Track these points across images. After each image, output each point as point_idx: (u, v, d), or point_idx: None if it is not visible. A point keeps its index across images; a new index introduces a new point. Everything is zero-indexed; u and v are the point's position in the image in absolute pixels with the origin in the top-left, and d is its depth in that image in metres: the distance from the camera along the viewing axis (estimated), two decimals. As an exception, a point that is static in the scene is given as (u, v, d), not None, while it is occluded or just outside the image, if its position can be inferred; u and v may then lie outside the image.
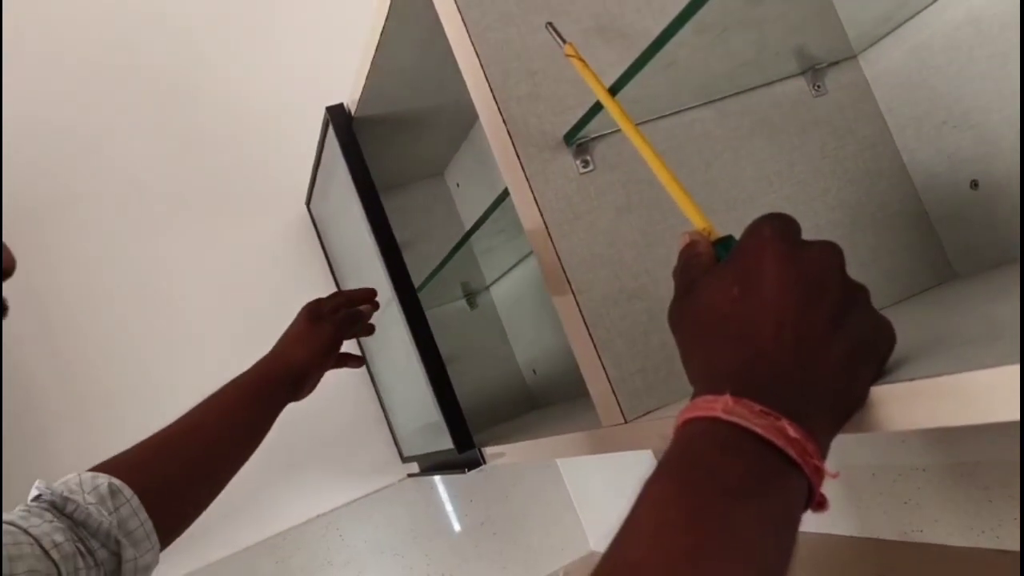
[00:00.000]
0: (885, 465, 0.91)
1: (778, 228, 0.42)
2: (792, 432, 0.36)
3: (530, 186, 0.64)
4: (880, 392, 0.39)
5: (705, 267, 0.45)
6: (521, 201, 0.67)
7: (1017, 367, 0.30)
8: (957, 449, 0.83)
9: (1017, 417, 0.30)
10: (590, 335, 0.63)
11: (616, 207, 0.66)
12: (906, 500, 0.89)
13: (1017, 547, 0.77)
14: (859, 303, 0.41)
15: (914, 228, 0.73)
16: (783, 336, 0.39)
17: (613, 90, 0.57)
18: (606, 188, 0.66)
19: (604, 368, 0.62)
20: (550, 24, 0.60)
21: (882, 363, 0.41)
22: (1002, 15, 0.63)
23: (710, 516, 0.35)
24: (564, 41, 0.59)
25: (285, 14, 1.46)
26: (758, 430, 0.36)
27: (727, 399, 0.37)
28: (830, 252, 0.41)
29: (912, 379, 0.36)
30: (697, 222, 0.47)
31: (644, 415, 0.62)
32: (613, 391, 0.62)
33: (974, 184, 0.68)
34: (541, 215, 0.64)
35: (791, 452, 0.36)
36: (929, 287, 0.72)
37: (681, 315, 0.45)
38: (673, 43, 0.54)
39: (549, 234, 0.64)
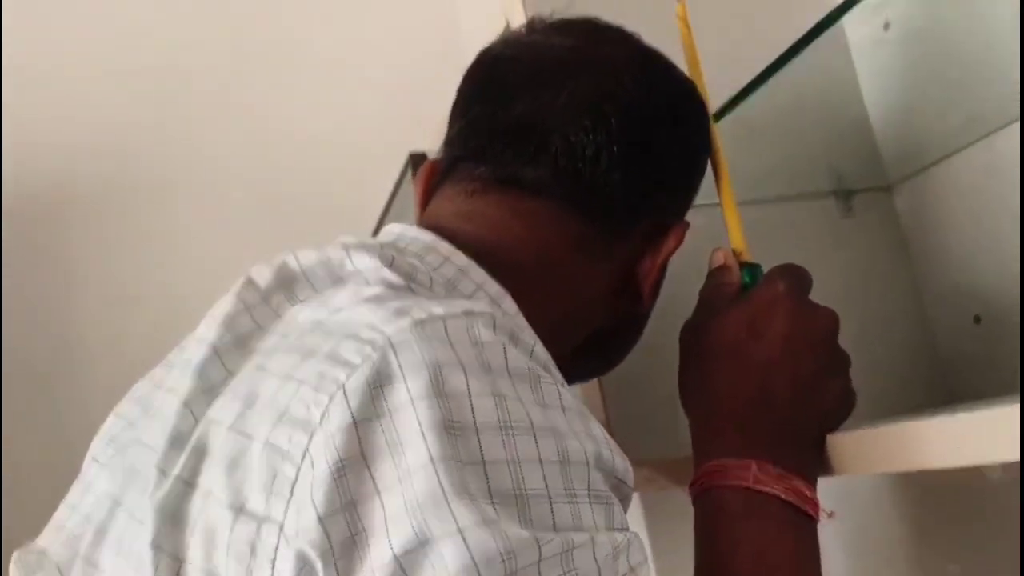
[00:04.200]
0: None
1: (792, 284, 0.49)
2: (807, 492, 0.44)
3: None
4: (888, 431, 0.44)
5: (728, 299, 0.52)
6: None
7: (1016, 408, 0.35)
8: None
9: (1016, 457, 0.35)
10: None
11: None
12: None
13: None
14: (842, 370, 0.49)
15: (917, 352, 0.78)
16: (781, 388, 0.47)
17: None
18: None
19: (605, 408, 0.68)
20: None
21: (839, 423, 0.48)
22: (1016, 168, 0.69)
23: None
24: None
25: (383, 59, 1.60)
26: (783, 496, 0.44)
27: (755, 470, 0.44)
28: (830, 319, 0.49)
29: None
30: (735, 239, 0.54)
31: (635, 463, 0.67)
32: (611, 432, 0.67)
33: (977, 319, 0.74)
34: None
35: (809, 510, 0.44)
36: (924, 409, 0.77)
37: (692, 339, 0.52)
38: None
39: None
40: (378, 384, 0.33)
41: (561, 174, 0.50)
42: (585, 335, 0.54)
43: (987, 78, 0.70)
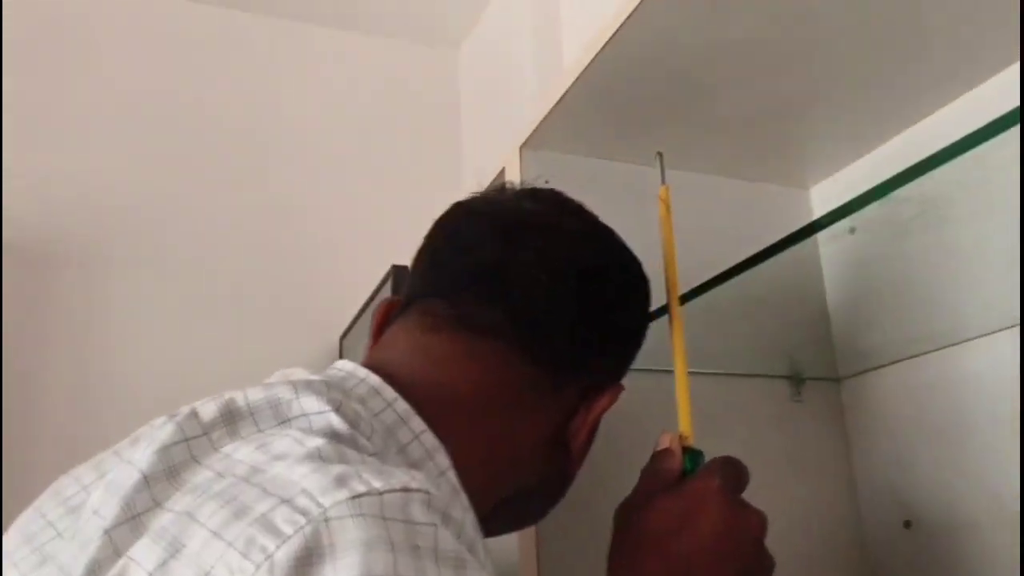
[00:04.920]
0: None
1: (727, 480, 0.51)
2: None
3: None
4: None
5: (665, 485, 0.53)
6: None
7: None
8: None
9: None
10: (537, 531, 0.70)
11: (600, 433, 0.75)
12: None
13: None
14: (765, 573, 0.50)
15: (846, 548, 0.80)
16: None
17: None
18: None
19: (538, 560, 0.68)
20: (660, 155, 0.63)
21: None
22: (958, 385, 0.73)
23: None
24: (664, 181, 0.62)
25: (386, 177, 1.66)
26: None
27: None
28: (759, 521, 0.51)
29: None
30: (683, 423, 0.56)
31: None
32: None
33: (907, 524, 0.76)
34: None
35: None
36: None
37: (625, 520, 0.53)
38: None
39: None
40: (307, 560, 0.33)
41: (516, 320, 0.53)
42: (514, 487, 0.55)
43: (942, 297, 0.75)
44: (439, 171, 1.68)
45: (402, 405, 0.48)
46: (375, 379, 0.49)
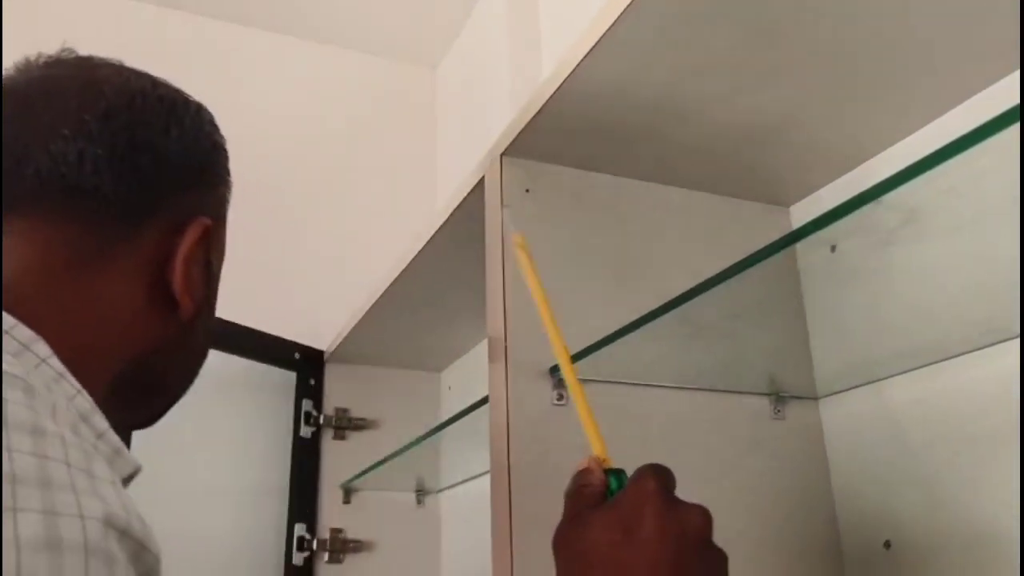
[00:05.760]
0: None
1: (660, 483, 0.49)
2: None
3: (507, 399, 0.72)
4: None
5: (594, 500, 0.51)
6: (496, 410, 0.75)
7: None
8: None
9: None
10: (511, 549, 0.68)
11: (576, 445, 0.73)
12: None
13: None
14: (720, 567, 0.48)
15: (828, 571, 0.79)
16: None
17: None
18: (572, 425, 0.74)
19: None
20: (507, 207, 0.64)
21: None
22: (936, 421, 0.73)
23: None
24: (514, 229, 0.63)
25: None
26: None
27: None
28: (703, 516, 0.48)
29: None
30: (596, 448, 0.54)
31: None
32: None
33: (887, 544, 0.75)
34: (508, 429, 0.72)
35: None
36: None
37: (565, 543, 0.51)
38: (660, 324, 0.65)
39: (509, 447, 0.71)
40: None
41: (47, 186, 0.49)
42: (127, 360, 0.51)
43: (922, 316, 0.74)
44: (415, 188, 1.67)
45: None
46: None
